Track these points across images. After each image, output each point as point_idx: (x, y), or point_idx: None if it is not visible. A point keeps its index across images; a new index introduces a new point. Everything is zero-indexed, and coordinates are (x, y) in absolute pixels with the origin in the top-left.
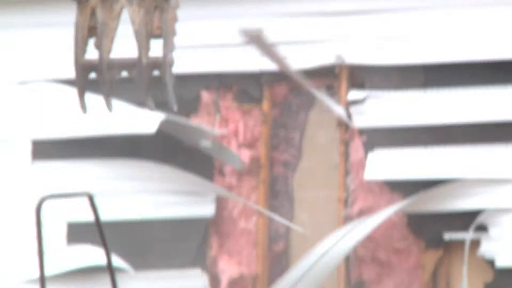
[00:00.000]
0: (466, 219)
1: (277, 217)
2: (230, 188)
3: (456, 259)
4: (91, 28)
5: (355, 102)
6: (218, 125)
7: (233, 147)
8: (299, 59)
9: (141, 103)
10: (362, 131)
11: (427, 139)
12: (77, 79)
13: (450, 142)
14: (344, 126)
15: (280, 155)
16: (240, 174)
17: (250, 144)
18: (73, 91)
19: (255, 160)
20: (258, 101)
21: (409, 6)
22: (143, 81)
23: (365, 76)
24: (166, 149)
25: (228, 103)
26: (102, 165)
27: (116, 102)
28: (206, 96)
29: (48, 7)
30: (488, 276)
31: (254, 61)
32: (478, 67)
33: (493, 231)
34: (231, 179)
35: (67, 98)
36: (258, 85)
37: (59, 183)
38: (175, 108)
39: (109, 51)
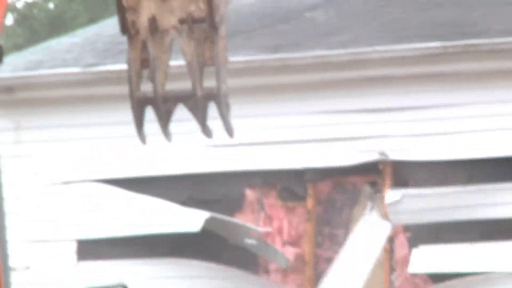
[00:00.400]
0: None
1: None
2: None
3: None
4: (143, 61)
5: (394, 202)
6: (262, 223)
7: (278, 244)
8: (343, 156)
9: (186, 202)
10: (406, 229)
11: (470, 234)
12: (133, 113)
13: (487, 238)
14: (387, 214)
15: (325, 252)
16: (285, 272)
17: (295, 242)
18: (115, 191)
19: (300, 258)
20: (302, 198)
21: (450, 102)
22: (199, 112)
23: (408, 173)
24: (211, 247)
25: (272, 200)
26: (150, 264)
27: (161, 202)
28: (250, 194)
29: (89, 108)
30: None
31: (297, 159)
32: None
33: None
34: (276, 277)
35: (111, 198)
36: (302, 182)
37: (105, 282)
38: (232, 135)
39: (163, 83)
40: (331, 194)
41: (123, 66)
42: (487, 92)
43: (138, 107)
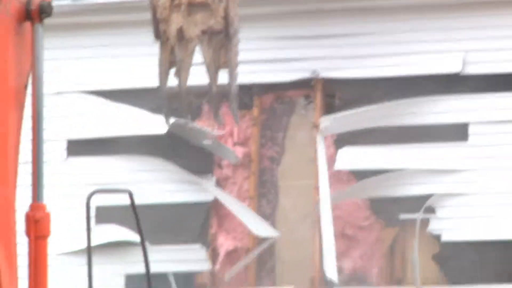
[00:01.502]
0: (418, 202)
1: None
2: (226, 178)
3: (409, 235)
4: (171, 62)
5: (328, 117)
6: (217, 128)
7: (229, 145)
8: (283, 74)
9: (156, 110)
10: (334, 134)
11: (385, 139)
12: (163, 103)
13: (403, 141)
14: (318, 127)
15: (267, 151)
16: (235, 167)
17: (243, 143)
18: (100, 100)
19: (247, 156)
20: (249, 107)
21: (371, 31)
22: (213, 104)
23: (336, 88)
24: (175, 147)
25: (225, 109)
26: (123, 160)
27: (135, 109)
28: (207, 104)
29: (78, 33)
30: (435, 249)
31: (246, 75)
32: (437, 77)
33: (439, 212)
34: (227, 171)
35: (96, 106)
36: (249, 95)
37: (89, 175)
38: (237, 121)
39: (186, 80)
40: (273, 104)
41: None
42: (403, 22)
43: (167, 100)
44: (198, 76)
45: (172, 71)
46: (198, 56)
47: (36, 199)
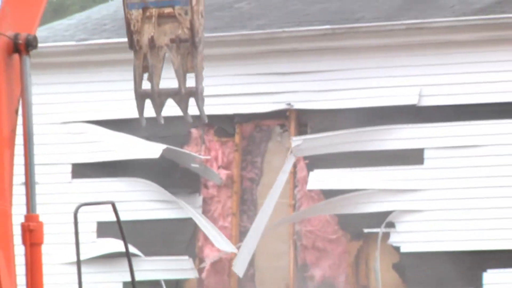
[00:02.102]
0: (379, 218)
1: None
2: (212, 197)
3: (372, 247)
4: (144, 67)
5: (300, 140)
6: (203, 153)
7: (214, 168)
8: (261, 106)
9: (149, 137)
10: (305, 157)
11: (350, 162)
12: (137, 103)
13: (366, 164)
14: (292, 151)
15: (247, 173)
16: (219, 187)
17: (226, 166)
18: (100, 129)
19: (229, 177)
20: (231, 135)
21: (337, 68)
22: (182, 104)
23: (307, 118)
24: (166, 169)
25: (210, 137)
26: (120, 182)
27: (131, 137)
28: (195, 132)
29: (80, 70)
30: (395, 259)
31: (228, 107)
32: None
33: (398, 226)
34: (213, 191)
35: (97, 134)
36: (232, 124)
37: (91, 195)
38: (206, 120)
39: (158, 83)
40: (252, 132)
41: (106, 41)
42: (366, 61)
43: (140, 99)
44: (168, 79)
45: (145, 75)
46: (168, 62)
47: (29, 210)
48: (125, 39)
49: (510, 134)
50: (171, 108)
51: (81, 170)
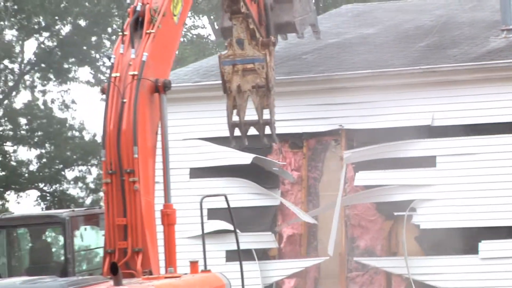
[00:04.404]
0: (405, 205)
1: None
2: (287, 191)
3: (400, 225)
4: (234, 106)
5: (349, 152)
6: (281, 160)
7: (289, 170)
8: (322, 126)
9: (242, 149)
10: (353, 163)
11: (384, 166)
12: (229, 131)
13: (395, 167)
14: (343, 159)
15: (312, 174)
16: (292, 184)
17: (297, 169)
18: (209, 144)
19: (299, 177)
20: (301, 147)
21: (378, 99)
22: (261, 131)
23: (354, 135)
24: (256, 171)
25: (286, 148)
26: (224, 181)
27: (231, 149)
28: (275, 145)
29: (200, 102)
30: (416, 233)
31: (298, 128)
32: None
33: (418, 210)
34: (288, 187)
35: (207, 147)
36: (301, 139)
37: (203, 190)
38: (277, 141)
39: (243, 117)
40: (315, 145)
41: (212, 82)
42: (392, 95)
43: (231, 128)
44: (251, 114)
45: (234, 111)
46: (250, 102)
47: (167, 201)
48: None
49: (496, 145)
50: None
51: (196, 173)
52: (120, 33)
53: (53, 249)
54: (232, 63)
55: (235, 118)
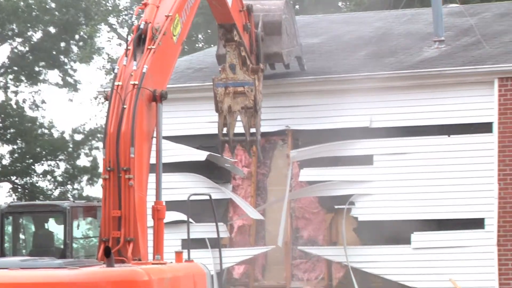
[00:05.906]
0: (345, 199)
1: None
2: (238, 185)
3: (340, 217)
4: (224, 124)
5: (295, 151)
6: (234, 157)
7: (240, 166)
8: (270, 127)
9: (200, 148)
10: (298, 161)
11: (327, 163)
12: (219, 146)
13: (336, 165)
14: (289, 157)
15: (261, 170)
16: (243, 179)
17: (247, 165)
18: (170, 143)
19: (249, 173)
20: (251, 146)
21: (322, 102)
22: (246, 147)
23: (299, 135)
24: (210, 167)
25: (237, 147)
26: (181, 175)
27: (190, 149)
28: (227, 145)
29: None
30: (355, 225)
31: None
32: None
33: (357, 204)
34: (238, 181)
35: (169, 146)
36: (251, 140)
37: (167, 184)
38: (262, 158)
39: (232, 134)
40: (264, 144)
41: (174, 86)
42: (335, 99)
43: (221, 144)
44: (239, 130)
45: (225, 129)
46: (239, 121)
47: (158, 198)
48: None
49: (428, 146)
50: (215, 129)
51: (154, 168)
52: (125, 48)
53: (54, 235)
54: (224, 86)
55: (225, 135)
